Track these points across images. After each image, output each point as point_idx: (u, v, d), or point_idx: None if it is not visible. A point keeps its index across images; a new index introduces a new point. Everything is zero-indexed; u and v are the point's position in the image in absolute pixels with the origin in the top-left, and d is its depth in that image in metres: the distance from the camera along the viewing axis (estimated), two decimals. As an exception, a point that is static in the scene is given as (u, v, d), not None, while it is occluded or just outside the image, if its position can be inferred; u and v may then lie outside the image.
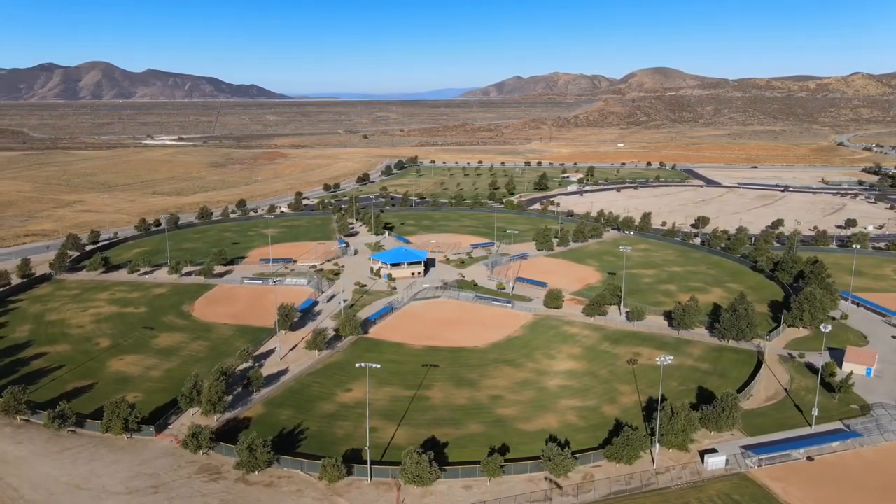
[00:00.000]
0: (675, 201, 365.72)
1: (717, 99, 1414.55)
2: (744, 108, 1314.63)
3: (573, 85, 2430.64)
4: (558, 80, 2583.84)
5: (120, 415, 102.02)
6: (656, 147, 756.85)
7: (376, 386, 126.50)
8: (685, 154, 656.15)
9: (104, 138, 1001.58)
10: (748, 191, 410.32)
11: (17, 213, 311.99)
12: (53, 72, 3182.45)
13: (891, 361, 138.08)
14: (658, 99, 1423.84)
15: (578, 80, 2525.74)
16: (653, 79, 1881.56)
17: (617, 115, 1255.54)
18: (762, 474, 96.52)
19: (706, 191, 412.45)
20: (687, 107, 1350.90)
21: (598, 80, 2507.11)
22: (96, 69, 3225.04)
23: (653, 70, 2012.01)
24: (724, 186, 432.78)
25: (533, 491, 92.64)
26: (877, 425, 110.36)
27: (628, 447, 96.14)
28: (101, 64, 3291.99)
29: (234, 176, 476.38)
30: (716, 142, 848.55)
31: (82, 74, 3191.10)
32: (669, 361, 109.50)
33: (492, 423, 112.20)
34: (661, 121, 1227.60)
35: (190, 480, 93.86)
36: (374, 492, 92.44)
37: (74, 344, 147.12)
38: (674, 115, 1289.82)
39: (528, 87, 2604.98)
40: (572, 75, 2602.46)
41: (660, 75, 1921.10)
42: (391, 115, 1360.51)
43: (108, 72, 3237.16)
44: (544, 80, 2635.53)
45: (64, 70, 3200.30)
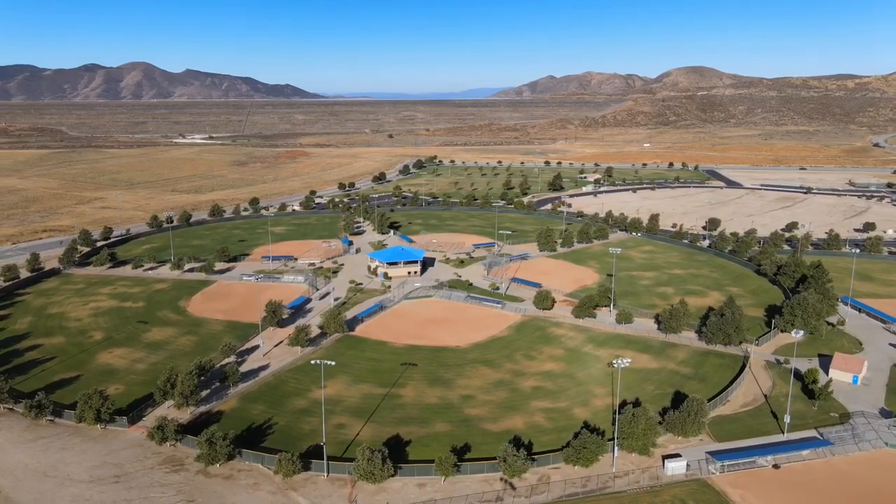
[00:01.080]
0: (690, 203, 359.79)
1: (749, 98, 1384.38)
2: (778, 108, 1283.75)
3: (606, 84, 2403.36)
4: (591, 79, 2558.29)
5: (92, 406, 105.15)
6: (681, 147, 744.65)
7: (351, 383, 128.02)
8: (710, 155, 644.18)
9: (137, 137, 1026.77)
10: (769, 192, 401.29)
11: (40, 210, 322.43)
12: (96, 72, 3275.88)
13: (882, 369, 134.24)
14: (689, 98, 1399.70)
15: (612, 79, 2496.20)
16: (688, 78, 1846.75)
17: (645, 114, 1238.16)
18: (723, 480, 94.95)
19: (725, 192, 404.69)
20: (718, 106, 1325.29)
21: (632, 79, 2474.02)
22: (137, 69, 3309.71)
23: (688, 69, 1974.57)
24: (744, 188, 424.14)
25: (486, 491, 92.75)
26: (853, 434, 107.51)
27: (585, 450, 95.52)
28: (142, 64, 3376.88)
29: (253, 174, 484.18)
30: (745, 142, 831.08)
31: (124, 75, 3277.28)
32: (626, 364, 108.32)
33: (458, 422, 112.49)
34: (691, 121, 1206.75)
35: (152, 471, 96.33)
36: (329, 487, 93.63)
37: (69, 336, 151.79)
38: (704, 114, 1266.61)
39: (561, 87, 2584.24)
40: (606, 75, 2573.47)
41: (695, 74, 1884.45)
42: (418, 115, 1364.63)
43: (148, 72, 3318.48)
44: (577, 80, 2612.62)
45: (106, 70, 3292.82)
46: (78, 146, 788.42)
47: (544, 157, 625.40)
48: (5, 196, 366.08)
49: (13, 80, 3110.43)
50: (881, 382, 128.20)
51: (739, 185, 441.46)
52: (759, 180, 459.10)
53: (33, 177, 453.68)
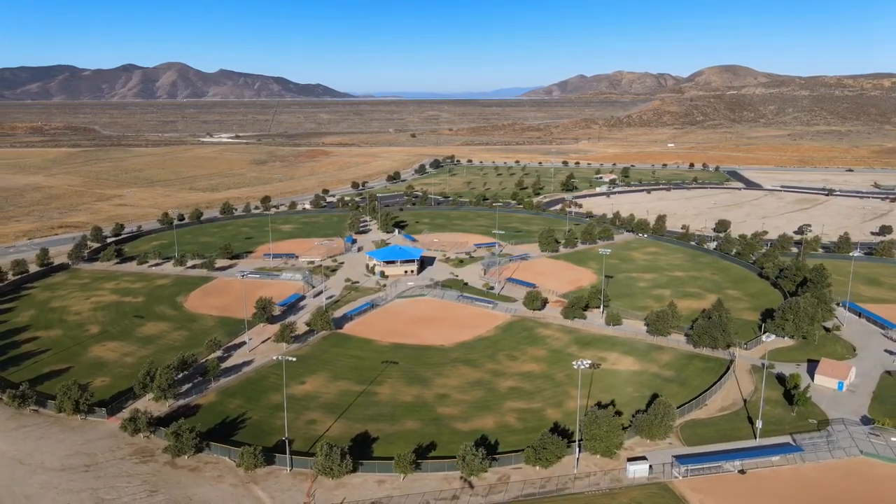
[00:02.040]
0: (704, 204, 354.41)
1: (780, 98, 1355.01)
2: (809, 108, 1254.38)
3: (637, 84, 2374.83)
4: (622, 78, 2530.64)
5: (71, 397, 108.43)
6: (704, 148, 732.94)
7: (330, 380, 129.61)
8: (733, 155, 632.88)
9: (167, 136, 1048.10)
10: (788, 194, 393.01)
11: (60, 206, 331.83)
12: (133, 72, 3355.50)
13: (872, 376, 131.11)
14: (717, 98, 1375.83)
15: (643, 78, 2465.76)
16: (721, 77, 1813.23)
17: (672, 114, 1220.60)
18: (685, 485, 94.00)
19: (743, 194, 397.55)
20: (748, 106, 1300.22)
21: (663, 78, 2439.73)
22: (172, 69, 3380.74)
23: (721, 68, 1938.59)
24: (763, 189, 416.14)
25: (444, 489, 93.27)
26: (827, 441, 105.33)
27: (545, 451, 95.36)
28: (177, 65, 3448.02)
29: (271, 173, 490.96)
30: (774, 142, 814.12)
31: (159, 75, 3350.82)
32: (586, 366, 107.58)
33: (429, 421, 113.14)
34: (719, 120, 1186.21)
35: (122, 461, 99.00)
36: (290, 481, 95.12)
37: (67, 329, 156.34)
38: (733, 114, 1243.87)
39: (591, 86, 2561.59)
40: (637, 74, 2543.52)
41: (729, 73, 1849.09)
42: (442, 115, 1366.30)
43: (182, 72, 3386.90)
44: (607, 79, 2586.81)
45: (143, 71, 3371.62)
46: (108, 145, 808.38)
47: (563, 157, 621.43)
48: (30, 193, 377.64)
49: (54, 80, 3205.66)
50: (868, 389, 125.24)
51: (759, 186, 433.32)
52: (781, 181, 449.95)
53: (59, 174, 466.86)
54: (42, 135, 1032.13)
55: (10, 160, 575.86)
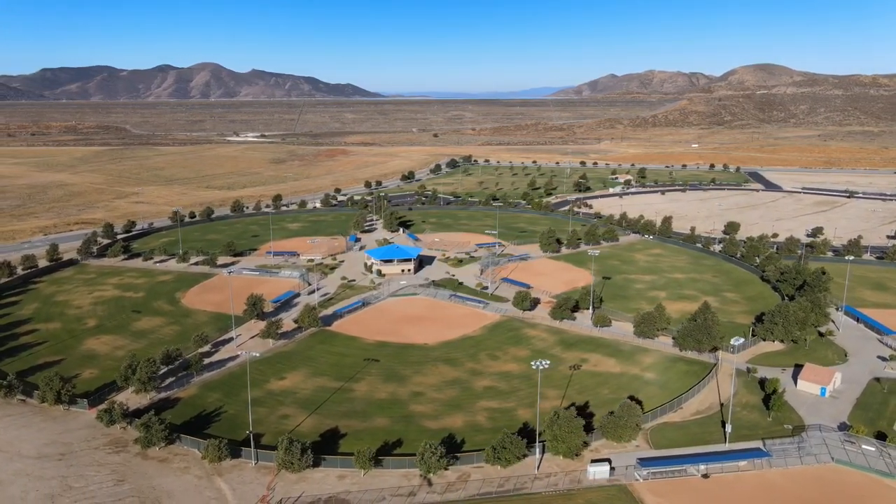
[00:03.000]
0: (717, 206, 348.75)
1: (812, 97, 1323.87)
2: (842, 108, 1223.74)
3: (669, 83, 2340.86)
4: (653, 77, 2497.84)
5: (53, 388, 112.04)
6: (728, 148, 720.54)
7: (309, 376, 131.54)
8: (757, 156, 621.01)
9: (195, 135, 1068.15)
10: (808, 196, 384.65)
11: (79, 203, 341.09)
12: (168, 73, 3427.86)
13: (859, 382, 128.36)
14: (747, 98, 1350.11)
15: (675, 77, 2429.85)
16: (755, 76, 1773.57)
17: (699, 114, 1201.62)
18: (644, 487, 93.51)
19: (760, 195, 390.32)
20: (778, 105, 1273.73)
21: (696, 77, 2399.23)
22: (206, 70, 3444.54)
23: (755, 67, 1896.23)
24: (782, 191, 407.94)
25: (402, 486, 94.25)
26: (798, 447, 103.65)
27: (504, 450, 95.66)
28: (211, 65, 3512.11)
29: (288, 172, 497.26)
30: (804, 143, 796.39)
31: (193, 75, 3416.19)
32: (546, 366, 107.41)
33: (399, 418, 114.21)
34: (748, 120, 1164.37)
35: (96, 451, 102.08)
36: (254, 474, 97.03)
37: (66, 323, 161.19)
38: (763, 114, 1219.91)
39: (621, 86, 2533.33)
40: (668, 73, 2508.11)
41: (763, 72, 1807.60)
42: (466, 114, 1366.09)
43: (216, 72, 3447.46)
44: (638, 78, 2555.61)
45: (177, 71, 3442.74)
46: (136, 143, 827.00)
47: (581, 157, 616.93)
48: (53, 190, 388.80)
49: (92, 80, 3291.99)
50: (852, 396, 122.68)
51: (779, 187, 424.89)
52: (802, 183, 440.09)
53: (84, 172, 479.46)
54: (75, 133, 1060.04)
55: (41, 158, 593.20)
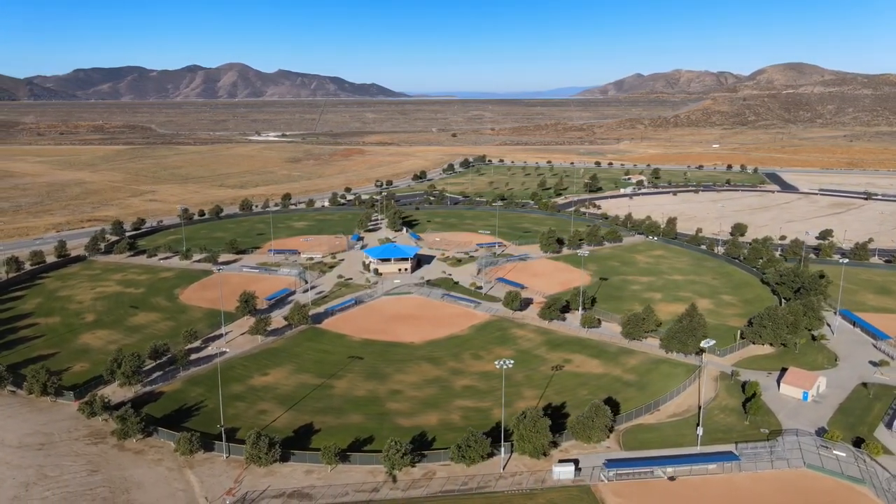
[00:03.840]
0: (729, 207, 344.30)
1: (840, 97, 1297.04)
2: (871, 107, 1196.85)
3: (696, 82, 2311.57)
4: (680, 77, 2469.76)
5: (39, 380, 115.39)
6: (748, 149, 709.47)
7: (292, 372, 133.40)
8: (777, 157, 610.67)
9: (218, 134, 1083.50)
10: (823, 197, 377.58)
11: (95, 201, 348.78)
12: (196, 73, 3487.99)
13: (845, 387, 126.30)
14: (772, 97, 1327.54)
15: (702, 77, 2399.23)
16: (784, 75, 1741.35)
17: (722, 114, 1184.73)
18: (607, 489, 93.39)
19: (774, 197, 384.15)
20: (805, 105, 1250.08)
21: (724, 77, 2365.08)
22: (233, 70, 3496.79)
23: (785, 66, 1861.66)
24: (798, 192, 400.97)
25: (367, 482, 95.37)
26: (770, 451, 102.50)
27: (469, 449, 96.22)
28: (238, 65, 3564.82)
29: (302, 171, 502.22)
30: (828, 143, 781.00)
31: (221, 75, 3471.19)
32: (509, 365, 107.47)
33: (374, 415, 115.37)
34: (772, 120, 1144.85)
35: (75, 442, 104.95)
36: (224, 468, 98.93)
37: (65, 317, 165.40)
38: (788, 114, 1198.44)
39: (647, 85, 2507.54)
40: (695, 72, 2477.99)
41: (792, 71, 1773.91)
42: (486, 114, 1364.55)
43: (243, 72, 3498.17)
44: (664, 78, 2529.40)
45: (205, 71, 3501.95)
46: (159, 143, 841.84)
47: (598, 157, 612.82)
48: (71, 188, 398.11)
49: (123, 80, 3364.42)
50: (836, 401, 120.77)
51: (795, 189, 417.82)
52: (821, 184, 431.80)
53: (104, 171, 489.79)
54: (102, 133, 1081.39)
55: (65, 157, 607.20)
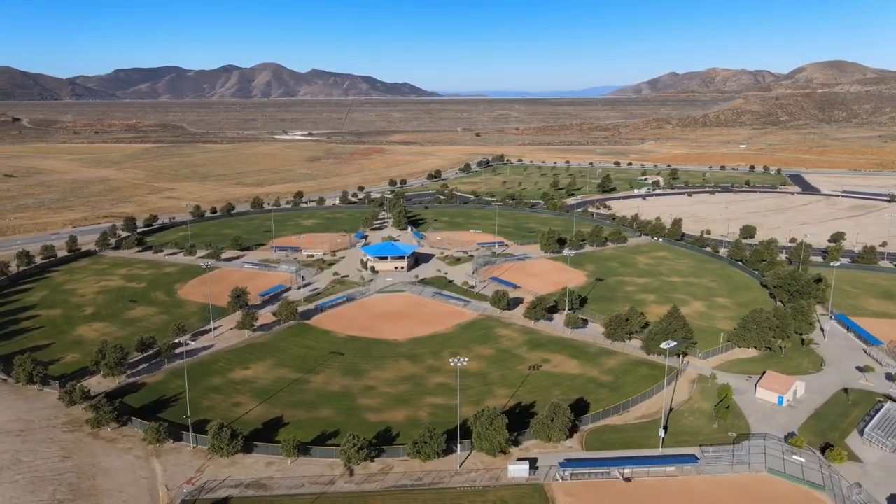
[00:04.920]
0: (744, 209, 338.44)
1: (878, 96, 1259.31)
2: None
3: (732, 81, 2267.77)
4: (716, 76, 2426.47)
5: (25, 369, 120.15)
6: (775, 149, 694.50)
7: (273, 366, 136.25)
8: (803, 157, 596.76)
9: (246, 133, 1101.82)
10: (844, 199, 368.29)
11: (114, 198, 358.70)
12: (232, 73, 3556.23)
13: (824, 393, 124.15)
14: (806, 97, 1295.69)
15: (739, 75, 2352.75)
16: (824, 73, 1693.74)
17: (753, 114, 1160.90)
18: (560, 488, 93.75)
19: (793, 198, 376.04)
20: (840, 105, 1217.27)
21: (761, 75, 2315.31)
22: (267, 70, 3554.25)
23: (825, 64, 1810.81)
24: (819, 194, 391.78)
25: (324, 474, 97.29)
26: (732, 455, 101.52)
27: (425, 446, 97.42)
28: (272, 65, 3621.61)
29: (320, 169, 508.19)
30: (862, 144, 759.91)
31: (255, 75, 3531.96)
32: (464, 363, 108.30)
33: (344, 410, 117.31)
34: (805, 120, 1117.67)
35: (53, 429, 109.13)
36: (189, 457, 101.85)
37: (66, 310, 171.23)
38: (822, 114, 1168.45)
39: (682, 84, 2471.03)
40: (732, 71, 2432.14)
41: (833, 69, 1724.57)
42: (512, 114, 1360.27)
43: (277, 72, 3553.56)
44: (699, 77, 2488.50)
45: (241, 71, 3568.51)
46: (187, 141, 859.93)
47: (619, 157, 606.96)
48: (94, 185, 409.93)
49: (161, 80, 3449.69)
50: (812, 406, 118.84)
51: (817, 190, 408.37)
52: (845, 186, 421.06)
53: (128, 168, 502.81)
54: (135, 131, 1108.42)
55: (94, 155, 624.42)
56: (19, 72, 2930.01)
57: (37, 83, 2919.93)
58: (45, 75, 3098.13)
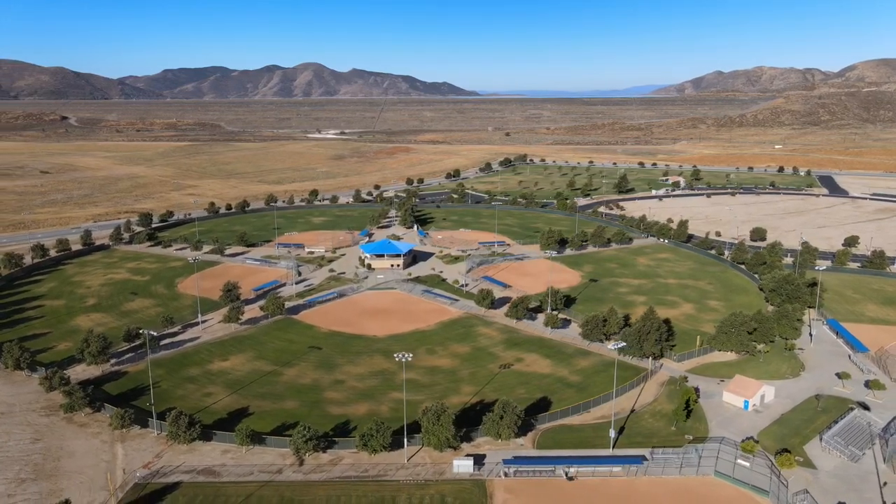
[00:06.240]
0: (762, 210, 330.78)
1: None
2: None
3: (780, 80, 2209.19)
4: (762, 74, 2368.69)
5: (13, 355, 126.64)
6: (807, 150, 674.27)
7: (251, 359, 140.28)
8: (837, 159, 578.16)
9: (281, 132, 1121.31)
10: (871, 202, 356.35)
11: (138, 194, 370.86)
12: (274, 72, 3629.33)
13: (794, 398, 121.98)
14: (850, 96, 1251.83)
15: (787, 74, 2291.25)
16: (877, 71, 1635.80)
17: (793, 113, 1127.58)
18: (500, 484, 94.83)
19: (816, 201, 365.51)
20: (886, 104, 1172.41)
21: (811, 73, 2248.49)
22: (308, 70, 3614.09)
23: (878, 62, 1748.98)
24: (846, 196, 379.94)
25: (275, 463, 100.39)
26: (682, 458, 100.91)
27: (372, 439, 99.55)
28: (314, 65, 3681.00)
29: (342, 168, 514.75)
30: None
31: (297, 74, 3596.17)
32: (409, 358, 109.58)
33: (308, 403, 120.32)
34: (848, 120, 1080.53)
35: (31, 413, 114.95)
36: (152, 443, 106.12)
37: (70, 301, 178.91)
38: (867, 113, 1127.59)
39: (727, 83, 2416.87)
40: (780, 69, 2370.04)
41: (887, 67, 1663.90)
42: (544, 113, 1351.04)
43: (318, 72, 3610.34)
44: (745, 75, 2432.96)
45: (283, 71, 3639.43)
46: (221, 139, 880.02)
47: (643, 157, 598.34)
48: (122, 181, 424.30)
49: (207, 79, 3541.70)
50: (779, 411, 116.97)
51: (845, 192, 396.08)
52: (876, 188, 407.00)
53: (159, 166, 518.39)
54: (174, 130, 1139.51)
55: (130, 152, 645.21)
56: (72, 72, 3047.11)
57: (88, 83, 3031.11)
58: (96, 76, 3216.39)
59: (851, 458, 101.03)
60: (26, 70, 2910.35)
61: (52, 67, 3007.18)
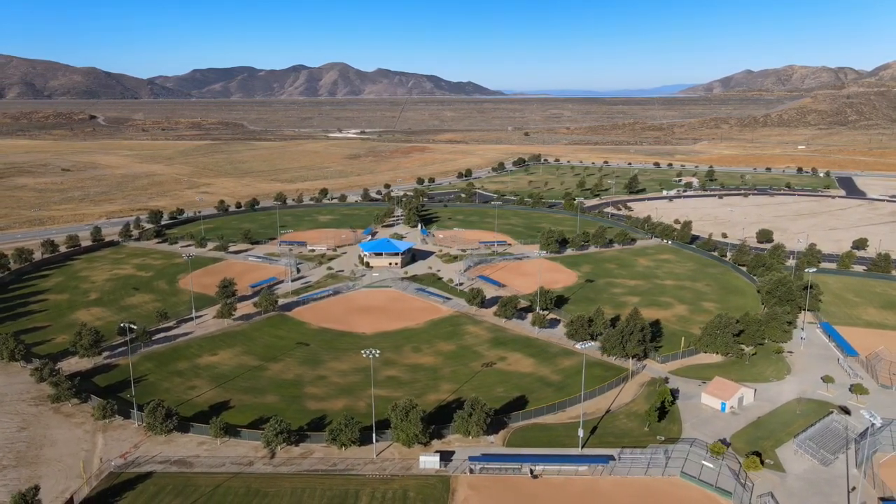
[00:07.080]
0: (772, 212, 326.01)
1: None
2: None
3: (811, 79, 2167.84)
4: (793, 73, 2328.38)
5: (8, 347, 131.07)
6: (829, 151, 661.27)
7: (239, 354, 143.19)
8: (859, 160, 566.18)
9: (302, 131, 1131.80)
10: (888, 205, 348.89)
11: (153, 192, 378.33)
12: (300, 72, 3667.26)
13: (773, 402, 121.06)
14: (880, 95, 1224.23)
15: (818, 73, 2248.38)
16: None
17: (819, 113, 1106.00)
18: (464, 480, 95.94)
19: (832, 202, 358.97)
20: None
21: (843, 72, 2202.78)
22: (334, 69, 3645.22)
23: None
24: (863, 198, 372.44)
25: (247, 455, 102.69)
26: (649, 458, 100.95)
27: (341, 433, 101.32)
28: (339, 65, 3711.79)
29: (355, 167, 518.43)
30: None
31: (323, 74, 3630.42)
32: (376, 355, 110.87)
33: (287, 397, 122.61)
34: (876, 120, 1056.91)
35: (21, 402, 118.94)
36: (132, 434, 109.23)
37: (73, 295, 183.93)
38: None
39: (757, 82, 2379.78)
40: (811, 68, 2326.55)
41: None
42: (565, 113, 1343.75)
43: (343, 71, 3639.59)
44: (775, 74, 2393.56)
45: (308, 71, 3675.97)
46: (242, 138, 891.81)
47: (660, 157, 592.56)
48: (139, 179, 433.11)
49: (234, 79, 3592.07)
50: (756, 414, 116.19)
51: (863, 194, 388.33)
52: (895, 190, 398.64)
53: (177, 164, 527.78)
54: (198, 129, 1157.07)
55: (150, 151, 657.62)
56: (103, 72, 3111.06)
57: (119, 83, 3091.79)
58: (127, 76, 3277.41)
59: (823, 461, 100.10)
60: (60, 70, 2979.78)
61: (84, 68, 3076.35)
